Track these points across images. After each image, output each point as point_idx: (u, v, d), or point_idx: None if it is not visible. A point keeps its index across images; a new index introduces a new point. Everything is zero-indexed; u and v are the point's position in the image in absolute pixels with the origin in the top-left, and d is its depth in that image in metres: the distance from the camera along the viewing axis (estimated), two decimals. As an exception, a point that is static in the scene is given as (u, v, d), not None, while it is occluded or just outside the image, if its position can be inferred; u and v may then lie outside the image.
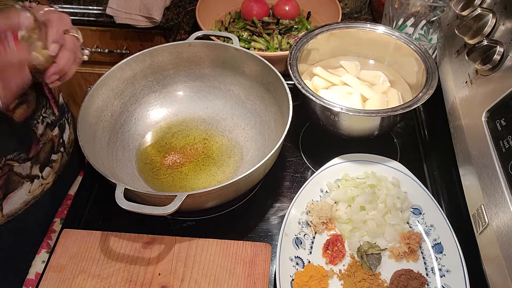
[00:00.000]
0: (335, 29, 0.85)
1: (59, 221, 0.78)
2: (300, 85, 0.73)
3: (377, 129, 0.75)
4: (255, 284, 0.61)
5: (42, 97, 0.69)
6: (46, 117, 0.71)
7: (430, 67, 0.76)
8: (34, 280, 0.70)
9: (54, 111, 0.74)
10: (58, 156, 0.77)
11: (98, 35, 1.27)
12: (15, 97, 0.51)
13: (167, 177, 0.76)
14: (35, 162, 0.71)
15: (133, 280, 0.61)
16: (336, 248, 0.65)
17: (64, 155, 0.80)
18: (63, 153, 0.80)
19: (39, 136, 0.70)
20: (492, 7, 0.62)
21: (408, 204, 0.70)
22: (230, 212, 0.74)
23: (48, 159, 0.73)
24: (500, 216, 0.50)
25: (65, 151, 0.80)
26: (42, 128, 0.70)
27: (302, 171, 0.80)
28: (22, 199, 0.70)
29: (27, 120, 0.67)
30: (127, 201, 0.57)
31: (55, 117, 0.75)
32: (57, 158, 0.77)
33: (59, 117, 0.77)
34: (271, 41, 1.02)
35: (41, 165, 0.72)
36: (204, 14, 1.02)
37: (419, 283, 0.61)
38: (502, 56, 0.57)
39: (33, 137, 0.69)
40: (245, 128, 0.83)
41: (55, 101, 0.75)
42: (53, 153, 0.76)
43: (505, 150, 0.51)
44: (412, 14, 0.90)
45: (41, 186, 0.73)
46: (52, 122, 0.74)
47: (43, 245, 0.74)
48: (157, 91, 0.85)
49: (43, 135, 0.71)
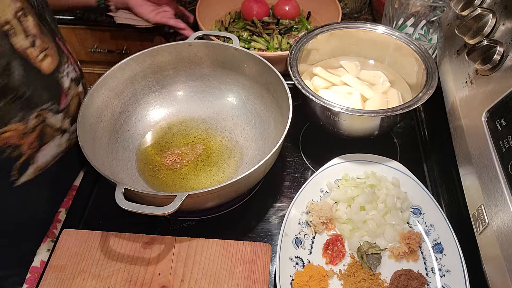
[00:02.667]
0: (335, 29, 0.85)
1: (64, 211, 0.78)
2: (300, 85, 0.73)
3: (377, 129, 0.75)
4: (255, 284, 0.61)
5: (62, 53, 0.72)
6: (69, 72, 0.74)
7: (430, 67, 0.76)
8: (39, 267, 0.71)
9: (75, 69, 0.77)
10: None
11: (98, 35, 1.27)
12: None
13: (167, 177, 0.76)
14: (66, 115, 0.73)
15: (133, 280, 0.61)
16: (336, 248, 0.65)
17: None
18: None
19: (67, 89, 0.73)
20: (492, 7, 0.62)
21: (408, 204, 0.70)
22: (230, 212, 0.74)
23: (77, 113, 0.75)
24: (500, 216, 0.50)
25: None
26: (68, 82, 0.73)
27: (302, 171, 0.80)
28: (53, 151, 0.72)
29: (54, 73, 0.70)
30: (127, 201, 0.57)
31: (77, 74, 0.77)
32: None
33: (80, 76, 0.79)
34: (271, 41, 1.02)
35: (71, 119, 0.74)
36: (204, 14, 1.02)
37: (419, 283, 0.61)
38: (502, 56, 0.57)
39: (61, 89, 0.72)
40: (245, 128, 0.83)
41: (75, 61, 0.78)
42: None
43: (505, 150, 0.51)
44: (412, 14, 0.90)
45: (68, 141, 0.75)
46: (75, 78, 0.76)
47: (49, 234, 0.75)
48: (157, 91, 0.85)
49: (70, 88, 0.73)
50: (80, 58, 1.34)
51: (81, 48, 1.30)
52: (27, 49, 0.62)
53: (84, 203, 0.76)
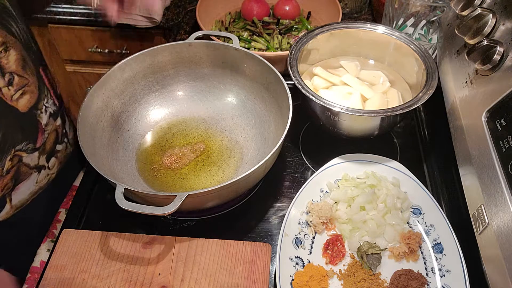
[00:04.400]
0: (335, 29, 0.85)
1: (64, 211, 0.78)
2: (300, 85, 0.73)
3: (377, 129, 0.75)
4: (255, 284, 0.61)
5: (44, 87, 0.71)
6: (48, 107, 0.72)
7: (430, 67, 0.76)
8: (39, 268, 0.71)
9: (55, 102, 0.76)
10: (62, 146, 0.79)
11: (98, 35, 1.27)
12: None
13: (167, 177, 0.76)
14: (42, 152, 0.72)
15: (133, 280, 0.61)
16: (336, 248, 0.65)
17: (68, 146, 0.82)
18: (67, 144, 0.81)
19: (44, 126, 0.71)
20: (492, 7, 0.62)
21: (408, 204, 0.70)
22: (230, 212, 0.74)
23: (53, 149, 0.75)
24: (500, 216, 0.50)
25: (69, 141, 0.82)
26: (46, 118, 0.71)
27: (302, 171, 0.80)
28: (30, 190, 0.71)
29: (31, 110, 0.68)
30: (127, 201, 0.57)
31: (56, 108, 0.76)
32: (62, 148, 0.79)
33: (59, 108, 0.78)
34: (271, 41, 1.02)
35: (48, 155, 0.74)
36: (204, 14, 1.02)
37: (419, 283, 0.61)
38: (502, 56, 0.57)
39: (38, 127, 0.70)
40: (245, 128, 0.83)
41: (55, 92, 0.77)
42: (58, 143, 0.77)
43: (505, 150, 0.51)
44: (412, 14, 0.90)
45: (47, 177, 0.75)
46: (54, 112, 0.75)
47: (49, 234, 0.75)
48: (157, 91, 0.85)
49: (48, 124, 0.72)
50: (80, 58, 1.34)
51: (81, 48, 1.30)
52: (1, 88, 0.60)
53: (84, 203, 0.76)
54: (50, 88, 0.74)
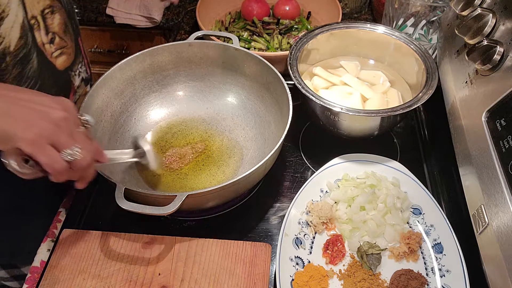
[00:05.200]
0: (335, 29, 0.85)
1: (64, 212, 0.78)
2: (300, 85, 0.73)
3: (377, 129, 0.75)
4: (255, 284, 0.61)
5: (79, 54, 0.74)
6: (81, 72, 0.75)
7: (430, 67, 0.76)
8: (39, 268, 0.71)
9: (87, 70, 0.79)
10: None
11: (98, 35, 1.27)
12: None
13: (167, 177, 0.76)
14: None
15: (133, 280, 0.61)
16: (336, 248, 0.65)
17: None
18: None
19: (76, 87, 0.74)
20: (492, 7, 0.62)
21: (408, 204, 0.70)
22: (230, 212, 0.74)
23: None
24: (500, 216, 0.50)
25: None
26: (78, 81, 0.74)
27: (302, 171, 0.80)
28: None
29: (67, 71, 0.72)
30: (127, 201, 0.57)
31: (87, 75, 0.79)
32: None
33: (90, 77, 0.81)
34: (271, 41, 1.02)
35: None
36: (204, 14, 1.02)
37: (419, 283, 0.61)
38: (502, 56, 0.57)
39: (71, 86, 0.73)
40: (245, 128, 0.83)
41: (88, 63, 0.80)
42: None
43: (505, 150, 0.51)
44: (412, 14, 0.90)
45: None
46: (85, 78, 0.77)
47: (49, 234, 0.75)
48: (157, 91, 0.85)
49: (79, 87, 0.75)
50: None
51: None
52: (45, 44, 0.65)
53: (84, 203, 0.76)
54: (85, 57, 0.77)
